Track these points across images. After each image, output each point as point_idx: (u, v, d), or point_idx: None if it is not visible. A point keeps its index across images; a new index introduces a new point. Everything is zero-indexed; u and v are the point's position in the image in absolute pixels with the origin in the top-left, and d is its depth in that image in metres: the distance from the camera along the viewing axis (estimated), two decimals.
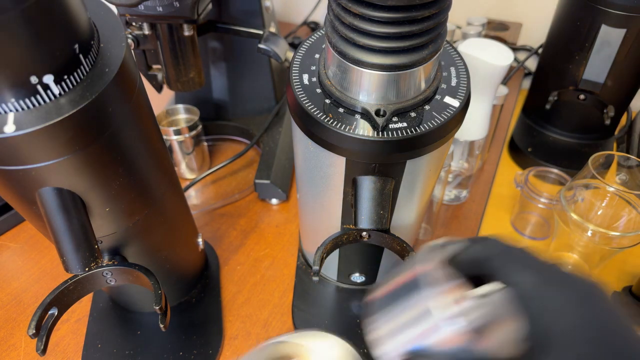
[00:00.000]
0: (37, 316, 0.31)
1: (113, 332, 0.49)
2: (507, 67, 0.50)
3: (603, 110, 0.65)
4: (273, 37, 0.59)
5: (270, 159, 0.67)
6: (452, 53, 0.33)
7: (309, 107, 0.30)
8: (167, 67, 0.58)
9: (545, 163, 0.69)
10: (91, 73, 0.25)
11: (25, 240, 0.61)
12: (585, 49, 0.62)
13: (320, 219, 0.41)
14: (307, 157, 0.34)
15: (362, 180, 0.31)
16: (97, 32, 0.27)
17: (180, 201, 0.44)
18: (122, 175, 0.31)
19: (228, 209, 0.66)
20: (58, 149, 0.25)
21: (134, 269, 0.36)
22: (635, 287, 0.52)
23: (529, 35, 0.91)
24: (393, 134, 0.28)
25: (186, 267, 0.50)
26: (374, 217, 0.31)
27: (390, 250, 0.34)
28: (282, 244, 0.61)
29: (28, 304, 0.54)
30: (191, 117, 0.68)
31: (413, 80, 0.28)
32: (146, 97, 0.33)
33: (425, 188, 0.36)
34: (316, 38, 0.35)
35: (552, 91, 0.68)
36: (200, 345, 0.48)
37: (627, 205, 0.51)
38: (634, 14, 0.56)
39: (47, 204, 0.27)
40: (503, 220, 0.65)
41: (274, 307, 0.53)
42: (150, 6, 0.49)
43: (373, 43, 0.26)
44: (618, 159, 0.53)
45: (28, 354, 0.49)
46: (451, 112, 0.29)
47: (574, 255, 0.58)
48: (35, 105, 0.23)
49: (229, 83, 0.72)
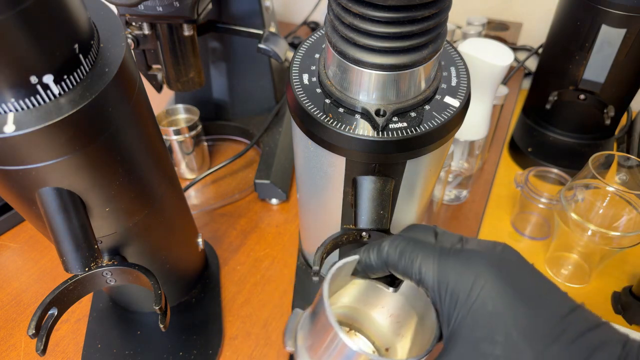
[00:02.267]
0: (37, 316, 0.31)
1: (113, 332, 0.49)
2: (507, 67, 0.50)
3: (603, 110, 0.65)
4: (273, 37, 0.59)
5: (270, 159, 0.67)
6: (452, 53, 0.33)
7: (308, 107, 0.30)
8: (167, 67, 0.58)
9: (545, 163, 0.69)
10: (91, 73, 0.25)
11: (25, 240, 0.61)
12: (585, 49, 0.62)
13: (320, 219, 0.41)
14: (307, 157, 0.34)
15: (362, 180, 0.31)
16: (97, 32, 0.27)
17: (180, 201, 0.44)
18: (122, 175, 0.31)
19: (228, 209, 0.66)
20: (58, 149, 0.25)
21: (134, 269, 0.36)
22: (635, 287, 0.52)
23: (529, 35, 0.91)
24: (393, 134, 0.28)
25: (186, 267, 0.50)
26: (374, 217, 0.31)
27: None
28: (282, 244, 0.61)
29: (28, 304, 0.54)
30: (191, 117, 0.68)
31: (413, 80, 0.28)
32: (146, 97, 0.33)
33: (425, 188, 0.36)
34: (316, 38, 0.35)
35: (552, 91, 0.68)
36: (200, 345, 0.48)
37: (627, 205, 0.51)
38: (634, 14, 0.56)
39: (47, 204, 0.27)
40: (503, 220, 0.65)
41: (274, 307, 0.53)
42: (150, 6, 0.49)
43: (373, 43, 0.26)
44: (618, 159, 0.53)
45: (28, 354, 0.49)
46: (451, 112, 0.29)
47: (574, 255, 0.58)
48: (35, 105, 0.23)
49: (229, 83, 0.72)
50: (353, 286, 0.30)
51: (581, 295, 0.56)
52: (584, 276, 0.57)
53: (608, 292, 0.56)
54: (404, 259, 0.25)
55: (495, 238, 0.31)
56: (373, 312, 0.30)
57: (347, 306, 0.31)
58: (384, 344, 0.31)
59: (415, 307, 0.28)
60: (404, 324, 0.29)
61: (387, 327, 0.30)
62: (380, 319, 0.30)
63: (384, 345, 0.31)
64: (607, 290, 0.56)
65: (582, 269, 0.57)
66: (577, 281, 0.57)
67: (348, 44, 0.27)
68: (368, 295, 0.30)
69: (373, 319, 0.31)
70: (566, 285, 0.57)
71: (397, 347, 0.29)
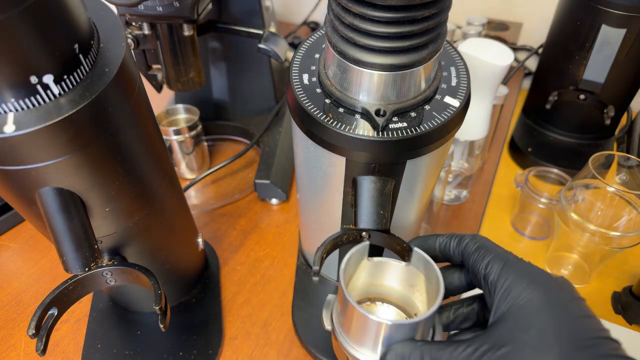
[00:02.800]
0: (37, 316, 0.31)
1: (113, 332, 0.49)
2: (507, 67, 0.50)
3: (603, 110, 0.65)
4: (273, 37, 0.59)
5: (270, 159, 0.67)
6: (452, 53, 0.33)
7: (308, 107, 0.30)
8: (167, 67, 0.58)
9: (545, 163, 0.69)
10: (91, 73, 0.25)
11: (25, 240, 0.61)
12: (585, 49, 0.62)
13: (320, 219, 0.41)
14: (307, 157, 0.34)
15: (362, 180, 0.31)
16: (97, 32, 0.27)
17: (180, 201, 0.44)
18: (122, 175, 0.31)
19: (228, 209, 0.66)
20: (58, 149, 0.25)
21: (134, 269, 0.36)
22: (635, 287, 0.52)
23: (529, 35, 0.91)
24: (393, 134, 0.28)
25: (186, 267, 0.50)
26: (374, 217, 0.31)
27: (391, 251, 0.34)
28: (282, 244, 0.61)
29: (28, 304, 0.54)
30: (191, 117, 0.68)
31: (413, 80, 0.28)
32: (146, 97, 0.33)
33: (426, 188, 0.36)
34: (316, 38, 0.35)
35: (552, 91, 0.68)
36: (200, 345, 0.48)
37: (627, 205, 0.51)
38: (634, 14, 0.56)
39: (47, 204, 0.27)
40: (503, 220, 0.65)
41: (274, 307, 0.53)
42: (150, 6, 0.49)
43: (373, 43, 0.26)
44: (618, 159, 0.53)
45: (28, 354, 0.49)
46: (451, 112, 0.29)
47: (574, 255, 0.58)
48: (35, 105, 0.23)
49: (229, 83, 0.72)
50: (367, 267, 0.34)
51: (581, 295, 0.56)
52: (584, 276, 0.57)
53: (608, 292, 0.56)
54: (478, 253, 0.30)
55: (495, 238, 0.32)
56: (392, 284, 0.35)
57: (369, 283, 0.35)
58: (412, 309, 0.35)
59: (420, 269, 0.32)
60: (416, 284, 0.33)
61: (405, 291, 0.34)
62: (398, 287, 0.35)
63: (413, 311, 0.35)
64: (607, 290, 0.56)
65: (582, 269, 0.57)
66: (577, 281, 0.57)
67: (348, 44, 0.27)
68: (383, 271, 0.34)
69: (393, 289, 0.35)
70: None
71: (417, 303, 0.34)
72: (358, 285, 0.35)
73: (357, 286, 0.35)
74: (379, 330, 0.27)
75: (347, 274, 0.31)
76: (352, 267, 0.32)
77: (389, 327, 0.27)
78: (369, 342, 0.29)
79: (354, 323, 0.29)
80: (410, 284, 0.34)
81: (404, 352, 0.27)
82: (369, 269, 0.34)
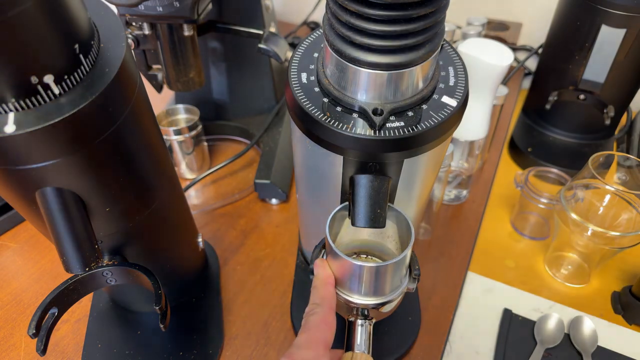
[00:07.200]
0: (37, 316, 0.31)
1: (113, 332, 0.49)
2: (507, 67, 0.50)
3: (603, 110, 0.65)
4: (273, 37, 0.59)
5: (270, 159, 0.67)
6: (451, 52, 0.33)
7: (307, 105, 0.30)
8: (167, 67, 0.58)
9: (545, 163, 0.69)
10: (91, 73, 0.25)
11: (25, 240, 0.61)
12: (585, 49, 0.62)
13: (319, 218, 0.41)
14: (305, 156, 0.34)
15: (359, 179, 0.31)
16: (97, 32, 0.27)
17: (180, 201, 0.44)
18: (122, 175, 0.31)
19: (228, 209, 0.66)
20: (58, 149, 0.25)
21: (134, 269, 0.36)
22: (635, 287, 0.52)
23: (529, 35, 0.91)
24: (390, 133, 0.28)
25: (186, 267, 0.51)
26: (371, 216, 0.31)
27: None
28: (282, 244, 0.61)
29: (28, 304, 0.54)
30: (191, 117, 0.68)
31: (410, 80, 0.28)
32: (146, 97, 0.33)
33: (424, 187, 0.36)
34: (315, 37, 0.35)
35: (552, 91, 0.68)
36: (200, 345, 0.48)
37: (627, 205, 0.51)
38: (634, 14, 0.56)
39: (47, 204, 0.28)
40: (503, 220, 0.65)
41: (274, 307, 0.53)
42: (150, 6, 0.49)
43: (370, 42, 0.26)
44: (618, 159, 0.53)
45: (28, 354, 0.49)
46: (449, 111, 0.29)
47: (574, 255, 0.58)
48: (35, 105, 0.23)
49: (229, 83, 0.72)
50: (350, 226, 0.36)
51: (581, 295, 0.56)
52: (584, 276, 0.57)
53: (608, 292, 0.56)
54: None
55: (495, 238, 0.32)
56: (371, 237, 0.38)
57: (353, 239, 0.39)
58: (390, 257, 0.36)
59: (392, 219, 0.35)
60: (391, 235, 0.37)
61: (383, 241, 0.38)
62: (377, 239, 0.38)
63: (391, 258, 0.37)
64: (607, 290, 0.56)
65: (582, 269, 0.57)
66: (577, 281, 0.57)
67: (345, 43, 0.27)
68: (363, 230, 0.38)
69: (373, 241, 0.39)
70: (566, 286, 0.57)
71: (394, 251, 0.37)
72: (343, 242, 0.38)
73: (342, 242, 0.38)
74: (362, 273, 0.31)
75: (332, 232, 0.34)
76: (337, 226, 0.35)
77: (369, 268, 0.31)
78: (354, 285, 0.33)
79: (343, 271, 0.33)
80: (386, 235, 0.37)
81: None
82: (352, 227, 0.37)
